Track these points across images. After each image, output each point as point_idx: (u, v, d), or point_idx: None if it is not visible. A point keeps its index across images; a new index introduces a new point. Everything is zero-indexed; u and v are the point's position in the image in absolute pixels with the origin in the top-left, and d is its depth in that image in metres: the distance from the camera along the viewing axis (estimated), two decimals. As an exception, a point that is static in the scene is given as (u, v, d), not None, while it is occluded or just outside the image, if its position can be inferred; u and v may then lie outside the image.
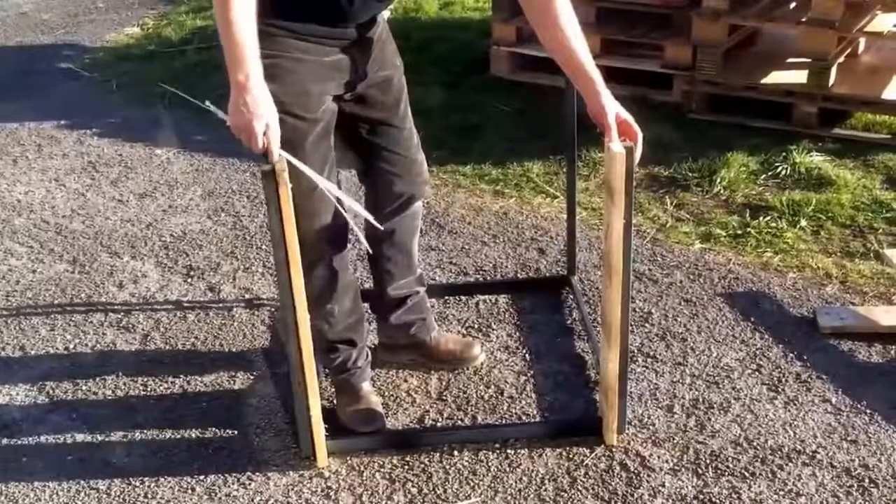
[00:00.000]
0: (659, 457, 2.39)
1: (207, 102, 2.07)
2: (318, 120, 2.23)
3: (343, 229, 2.36)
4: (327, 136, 2.28)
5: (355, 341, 2.53)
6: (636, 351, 2.77)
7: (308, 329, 2.23)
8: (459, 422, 2.55)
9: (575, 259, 3.11)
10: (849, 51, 4.32)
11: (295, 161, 2.07)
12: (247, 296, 3.16)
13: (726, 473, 2.33)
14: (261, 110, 1.97)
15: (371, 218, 2.31)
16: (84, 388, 2.74)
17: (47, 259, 3.44)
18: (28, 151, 4.37)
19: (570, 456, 2.40)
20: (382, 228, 2.43)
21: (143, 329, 3.00)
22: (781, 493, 2.26)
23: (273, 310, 3.06)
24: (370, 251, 2.50)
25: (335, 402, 2.57)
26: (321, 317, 2.43)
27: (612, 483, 2.31)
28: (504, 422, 2.54)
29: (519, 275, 3.22)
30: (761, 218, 3.46)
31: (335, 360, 2.52)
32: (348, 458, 2.42)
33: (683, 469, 2.35)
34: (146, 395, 2.69)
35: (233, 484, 2.37)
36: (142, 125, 4.62)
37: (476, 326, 2.94)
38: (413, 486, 2.33)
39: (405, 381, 2.70)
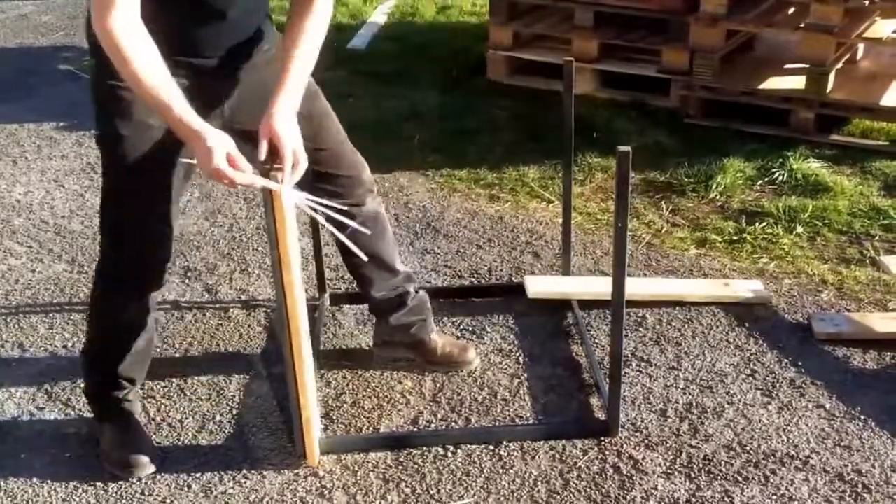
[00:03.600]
0: (652, 460, 2.39)
1: (185, 160, 2.02)
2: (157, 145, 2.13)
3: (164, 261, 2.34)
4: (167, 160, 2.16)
5: (136, 381, 2.51)
6: (630, 355, 2.78)
7: (304, 330, 2.24)
8: (453, 423, 2.55)
9: (570, 263, 3.12)
10: (847, 57, 4.33)
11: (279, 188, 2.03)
12: (243, 297, 3.17)
13: (719, 477, 2.33)
14: (211, 143, 1.92)
15: (350, 244, 2.26)
16: (82, 386, 2.74)
17: (46, 259, 3.45)
18: (27, 152, 4.38)
19: (563, 458, 2.41)
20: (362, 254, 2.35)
21: (139, 329, 3.01)
22: (774, 497, 2.27)
23: (269, 310, 3.07)
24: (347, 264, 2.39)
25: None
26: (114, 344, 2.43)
27: (605, 485, 2.32)
28: (497, 424, 2.55)
29: (514, 278, 3.22)
30: (757, 224, 3.47)
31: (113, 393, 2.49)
32: (342, 458, 2.43)
33: (676, 472, 2.35)
34: (143, 394, 2.70)
35: (228, 482, 2.37)
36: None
37: (471, 329, 2.95)
38: (406, 486, 2.34)
39: (399, 382, 2.71)
